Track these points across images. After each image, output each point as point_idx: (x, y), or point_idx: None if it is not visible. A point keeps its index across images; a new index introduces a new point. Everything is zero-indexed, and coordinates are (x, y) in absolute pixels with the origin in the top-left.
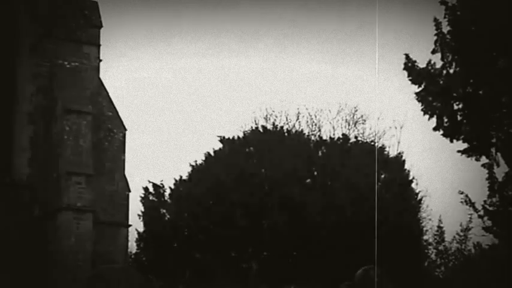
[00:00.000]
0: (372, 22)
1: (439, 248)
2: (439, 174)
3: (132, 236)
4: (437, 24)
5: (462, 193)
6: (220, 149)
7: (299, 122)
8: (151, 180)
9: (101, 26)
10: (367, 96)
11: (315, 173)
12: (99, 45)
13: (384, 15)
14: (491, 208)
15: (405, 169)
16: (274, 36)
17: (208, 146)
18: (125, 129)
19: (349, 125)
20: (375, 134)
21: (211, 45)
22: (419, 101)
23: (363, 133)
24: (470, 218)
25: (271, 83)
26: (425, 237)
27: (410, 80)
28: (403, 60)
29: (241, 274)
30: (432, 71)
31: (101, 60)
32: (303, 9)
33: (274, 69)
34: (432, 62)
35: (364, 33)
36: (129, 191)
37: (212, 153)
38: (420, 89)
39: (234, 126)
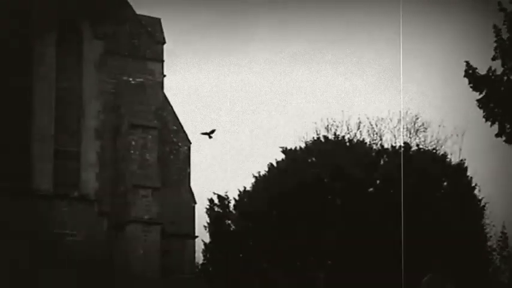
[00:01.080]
0: (432, 29)
1: (503, 253)
2: (502, 180)
3: (199, 247)
4: (497, 31)
5: None
6: (282, 159)
7: (360, 131)
8: (216, 192)
9: (164, 42)
10: (428, 103)
11: (377, 181)
12: (162, 61)
13: (444, 23)
14: None
15: (467, 176)
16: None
17: (271, 157)
18: (190, 143)
19: (410, 133)
20: (437, 142)
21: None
22: (480, 108)
23: (424, 141)
24: None
25: (331, 93)
26: (489, 243)
27: (471, 87)
28: (463, 67)
29: (307, 283)
30: (493, 77)
31: (164, 76)
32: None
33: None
34: (493, 68)
35: (423, 41)
36: (195, 202)
37: (275, 164)
38: (481, 95)
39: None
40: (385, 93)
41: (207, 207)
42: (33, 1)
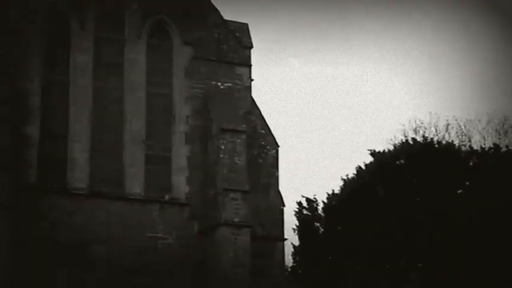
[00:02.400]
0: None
1: None
2: None
3: (288, 249)
4: None
5: None
6: (371, 162)
7: (448, 133)
8: (304, 195)
9: (252, 47)
10: None
11: (467, 183)
12: (250, 66)
13: None
14: None
15: None
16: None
17: (359, 159)
18: (278, 146)
19: (499, 134)
20: None
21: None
22: None
23: None
24: None
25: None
26: None
27: None
28: None
29: (397, 285)
30: None
31: (252, 80)
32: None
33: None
34: None
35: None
36: (284, 205)
37: (363, 167)
38: None
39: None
40: (472, 94)
41: (296, 210)
42: (125, 9)
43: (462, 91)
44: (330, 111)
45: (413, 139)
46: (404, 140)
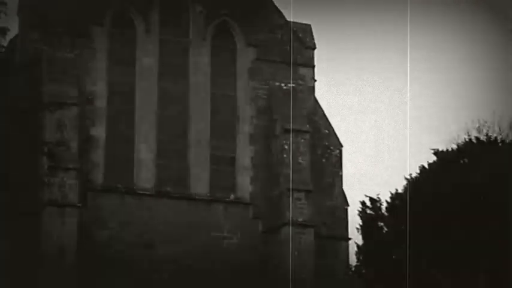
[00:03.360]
0: None
1: None
2: None
3: (352, 249)
4: None
5: None
6: (434, 161)
7: None
8: (367, 195)
9: (315, 48)
10: None
11: None
12: (313, 66)
13: None
14: None
15: None
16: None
17: (422, 159)
18: (341, 146)
19: None
20: None
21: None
22: None
23: None
24: None
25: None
26: None
27: None
28: None
29: (465, 283)
30: None
31: (315, 81)
32: None
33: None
34: None
35: None
36: (348, 205)
37: (426, 166)
38: None
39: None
40: None
41: (360, 209)
42: (189, 12)
43: None
44: (393, 110)
45: (477, 138)
46: (467, 139)
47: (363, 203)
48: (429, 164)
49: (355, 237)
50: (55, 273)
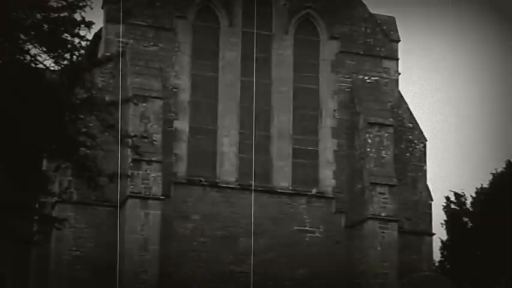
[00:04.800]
0: None
1: None
2: None
3: (436, 244)
4: None
5: None
6: None
7: None
8: (452, 189)
9: (399, 40)
10: None
11: None
12: (397, 59)
13: None
14: None
15: None
16: None
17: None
18: (425, 140)
19: None
20: None
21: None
22: None
23: None
24: None
25: None
26: None
27: None
28: None
29: None
30: None
31: (399, 74)
32: None
33: None
34: None
35: None
36: (432, 200)
37: None
38: None
39: None
40: None
41: (444, 204)
42: (272, 5)
43: None
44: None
45: None
46: None
47: (448, 198)
48: None
49: (439, 232)
50: (138, 266)
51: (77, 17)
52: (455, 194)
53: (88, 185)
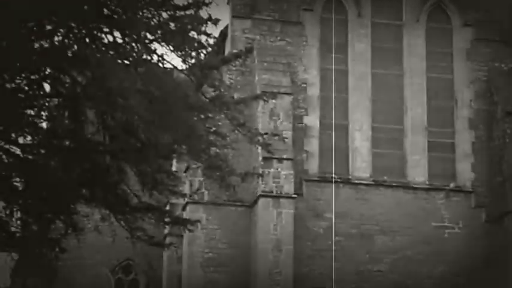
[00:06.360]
0: None
1: None
2: None
3: None
4: None
5: None
6: None
7: None
8: None
9: None
10: None
11: None
12: None
13: None
14: None
15: None
16: None
17: None
18: None
19: None
20: None
21: None
22: None
23: None
24: None
25: None
26: None
27: None
28: None
29: None
30: None
31: None
32: None
33: None
34: None
35: None
36: None
37: None
38: None
39: None
40: None
41: None
42: None
43: None
44: None
45: None
46: None
47: None
48: None
49: None
50: (272, 267)
51: (203, 14)
52: None
53: (219, 185)
